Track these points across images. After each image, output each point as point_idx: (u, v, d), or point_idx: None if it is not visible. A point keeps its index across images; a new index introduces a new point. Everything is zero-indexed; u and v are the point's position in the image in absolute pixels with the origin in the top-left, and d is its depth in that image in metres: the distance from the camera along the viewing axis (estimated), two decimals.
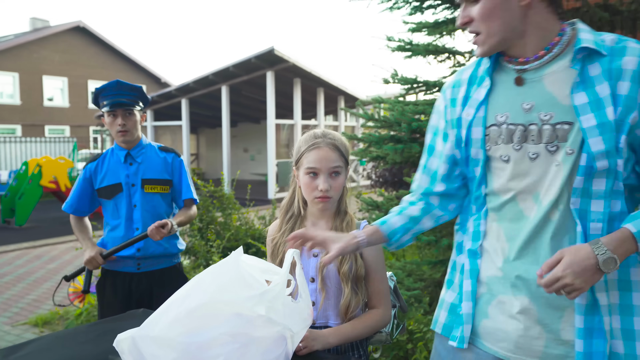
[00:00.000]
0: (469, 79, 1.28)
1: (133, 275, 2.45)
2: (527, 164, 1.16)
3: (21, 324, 4.40)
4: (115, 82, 2.38)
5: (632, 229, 1.06)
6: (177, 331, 1.11)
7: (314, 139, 1.53)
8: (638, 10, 3.20)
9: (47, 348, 1.39)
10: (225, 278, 1.17)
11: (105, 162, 2.48)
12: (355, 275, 1.46)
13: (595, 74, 1.11)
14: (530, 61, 1.17)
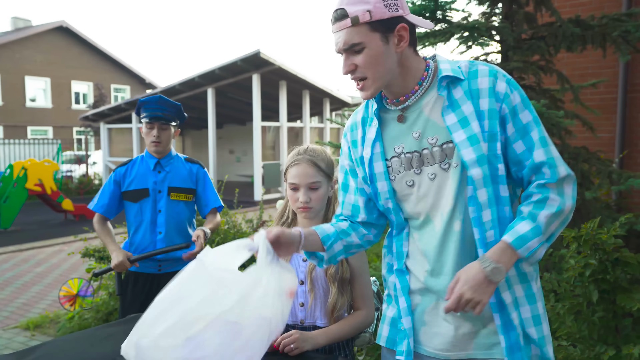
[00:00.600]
0: (362, 120, 1.44)
1: (155, 276, 2.57)
2: (428, 184, 1.32)
3: (12, 328, 4.45)
4: (158, 97, 2.56)
5: (508, 239, 1.21)
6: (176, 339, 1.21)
7: (296, 156, 1.70)
8: (608, 25, 3.39)
9: (57, 351, 1.50)
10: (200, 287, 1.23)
11: (135, 168, 2.62)
12: (341, 277, 1.61)
13: (459, 96, 1.29)
14: (410, 97, 1.32)
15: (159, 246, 2.55)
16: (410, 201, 1.36)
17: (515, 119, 1.27)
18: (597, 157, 3.35)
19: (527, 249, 1.21)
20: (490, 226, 1.27)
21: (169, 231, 2.56)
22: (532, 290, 1.31)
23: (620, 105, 5.58)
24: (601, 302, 2.07)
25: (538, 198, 1.24)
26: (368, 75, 1.28)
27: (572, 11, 5.87)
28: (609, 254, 1.94)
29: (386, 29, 1.26)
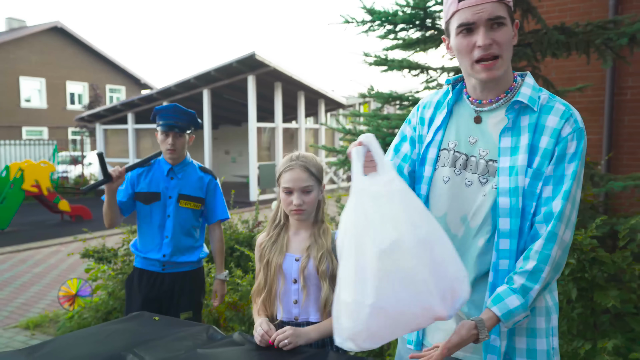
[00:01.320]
0: (437, 103, 1.50)
1: (158, 274, 2.67)
2: (462, 189, 1.39)
3: (12, 327, 4.53)
4: (173, 106, 2.63)
5: (497, 312, 1.26)
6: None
7: (289, 162, 1.80)
8: (592, 32, 3.51)
9: (66, 347, 1.59)
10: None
11: (151, 171, 2.71)
12: (331, 274, 1.72)
13: (524, 125, 1.33)
14: (492, 103, 1.37)
15: (164, 250, 2.65)
16: (439, 195, 1.42)
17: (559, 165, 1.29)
18: None
19: (512, 322, 1.28)
20: (507, 255, 1.31)
21: (175, 235, 2.65)
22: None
23: (608, 107, 5.71)
24: (580, 299, 2.19)
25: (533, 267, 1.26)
26: (503, 53, 1.29)
27: (561, 16, 6.01)
28: (586, 254, 2.06)
29: (512, 17, 1.32)
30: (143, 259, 2.71)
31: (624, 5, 5.76)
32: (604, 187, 2.93)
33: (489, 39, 1.28)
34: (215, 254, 2.85)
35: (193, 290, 2.73)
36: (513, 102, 1.34)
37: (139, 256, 2.73)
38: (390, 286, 1.14)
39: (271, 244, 1.85)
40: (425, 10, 3.26)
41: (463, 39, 1.32)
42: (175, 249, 2.66)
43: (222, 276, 2.84)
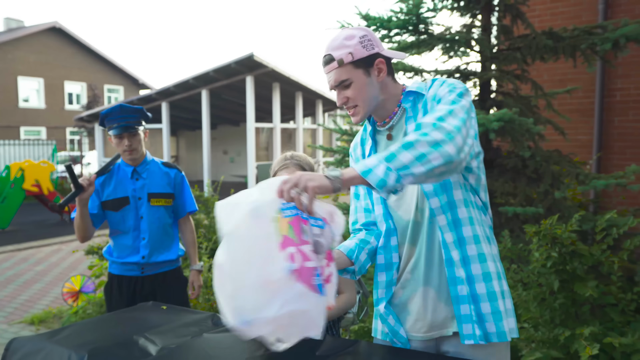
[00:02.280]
0: (361, 141, 1.71)
1: (137, 278, 2.64)
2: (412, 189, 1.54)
3: (17, 323, 4.65)
4: (119, 107, 2.56)
5: (357, 167, 1.29)
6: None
7: (284, 161, 1.95)
8: (579, 37, 3.65)
9: (82, 331, 1.72)
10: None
11: (113, 177, 2.64)
12: None
13: (420, 107, 1.53)
14: (393, 117, 1.58)
15: (142, 252, 2.61)
16: (397, 206, 1.59)
17: (436, 100, 1.46)
18: (568, 159, 3.61)
19: (374, 177, 1.26)
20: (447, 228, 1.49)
21: (152, 236, 2.63)
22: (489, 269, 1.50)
23: (598, 109, 5.86)
24: (562, 290, 2.32)
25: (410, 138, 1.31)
26: (358, 103, 1.54)
27: (552, 19, 6.16)
28: (566, 247, 2.20)
29: (367, 65, 1.51)
30: (120, 265, 2.65)
31: (613, 9, 5.91)
32: (588, 186, 3.07)
33: (344, 98, 1.54)
34: (188, 246, 2.86)
35: (175, 289, 2.73)
36: (406, 92, 1.56)
37: (115, 262, 2.68)
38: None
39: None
40: (418, 16, 3.39)
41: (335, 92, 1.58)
42: (154, 249, 2.64)
43: (198, 267, 2.84)
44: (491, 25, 3.81)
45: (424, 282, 1.54)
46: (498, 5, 3.82)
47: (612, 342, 1.91)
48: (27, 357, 1.59)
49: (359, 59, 1.49)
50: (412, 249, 1.58)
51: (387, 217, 1.61)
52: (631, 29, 3.33)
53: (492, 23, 3.83)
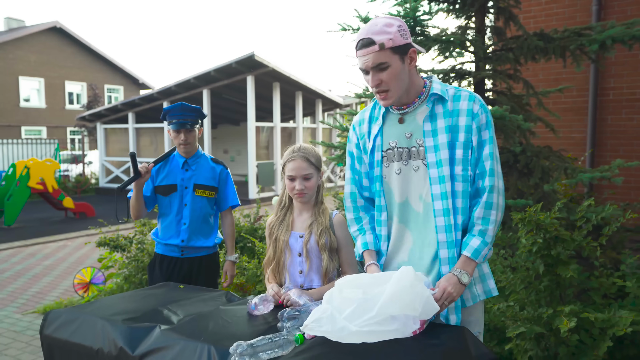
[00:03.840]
0: (369, 117, 1.88)
1: (177, 259, 2.90)
2: (412, 174, 1.77)
3: (30, 313, 4.84)
4: (180, 105, 2.87)
5: (467, 254, 1.68)
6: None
7: (292, 153, 2.12)
8: (568, 38, 3.83)
9: (111, 304, 1.91)
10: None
11: (167, 165, 2.95)
12: (330, 246, 2.03)
13: (439, 112, 1.74)
14: (411, 106, 1.78)
15: (182, 236, 2.89)
16: (396, 186, 1.79)
17: (479, 134, 1.72)
18: (558, 154, 3.80)
19: (481, 257, 1.69)
20: (441, 214, 1.72)
21: (192, 222, 2.89)
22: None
23: (591, 107, 6.05)
24: (547, 274, 2.51)
25: (483, 213, 1.70)
26: (390, 87, 1.69)
27: (547, 20, 6.35)
28: (550, 233, 2.38)
29: (402, 52, 1.69)
30: (164, 246, 2.93)
31: (606, 10, 6.10)
32: (575, 179, 3.25)
33: (377, 80, 1.69)
34: (227, 237, 3.09)
35: (209, 273, 2.98)
36: (430, 94, 1.74)
37: (160, 243, 2.96)
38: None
39: (279, 223, 2.17)
40: (414, 19, 3.57)
41: (365, 77, 1.74)
42: (193, 235, 2.89)
43: (233, 258, 3.08)
44: (485, 27, 4.00)
45: (424, 268, 1.76)
46: (492, 8, 4.01)
47: (588, 317, 2.10)
48: (64, 325, 1.77)
49: (397, 45, 1.66)
50: (405, 231, 1.79)
51: (380, 194, 1.81)
52: (617, 31, 3.52)
53: (485, 25, 4.01)
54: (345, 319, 1.53)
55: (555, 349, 2.28)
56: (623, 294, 2.67)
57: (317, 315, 1.57)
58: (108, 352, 1.64)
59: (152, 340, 1.60)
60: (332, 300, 1.60)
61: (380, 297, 1.53)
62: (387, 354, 1.41)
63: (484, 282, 1.80)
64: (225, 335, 1.60)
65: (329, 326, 1.53)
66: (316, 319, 1.56)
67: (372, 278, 1.64)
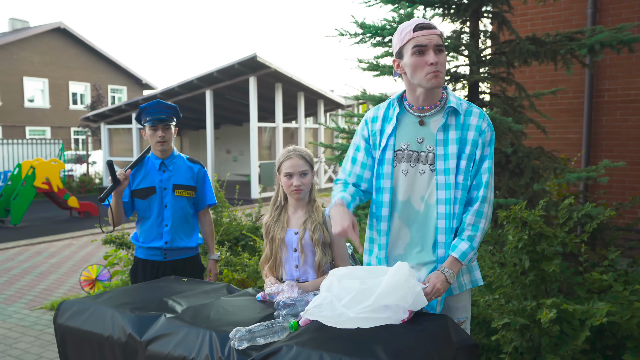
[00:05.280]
0: (383, 116, 1.99)
1: (160, 263, 2.88)
2: (418, 177, 1.91)
3: (38, 309, 4.98)
4: (157, 102, 2.85)
5: (455, 255, 1.83)
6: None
7: (288, 153, 2.25)
8: (560, 42, 3.96)
9: (120, 295, 2.04)
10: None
11: (143, 168, 2.90)
12: (323, 241, 2.17)
13: (451, 124, 1.88)
14: (432, 109, 1.91)
15: (165, 238, 2.86)
16: (402, 185, 1.93)
17: (483, 149, 1.88)
18: (548, 155, 3.92)
19: (467, 260, 1.85)
20: (444, 217, 1.87)
21: (174, 223, 2.87)
22: None
23: (587, 109, 6.16)
24: (532, 269, 2.63)
25: (473, 221, 1.85)
26: (442, 70, 1.83)
27: (543, 23, 6.47)
28: (534, 229, 2.50)
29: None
30: (145, 250, 2.89)
31: (601, 13, 6.22)
32: (563, 179, 3.38)
33: (436, 59, 1.82)
34: (207, 236, 3.07)
35: (194, 275, 2.91)
36: (447, 107, 1.89)
37: (140, 247, 2.91)
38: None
39: (274, 222, 2.29)
40: None
41: (418, 58, 1.83)
42: (175, 235, 2.87)
43: (215, 257, 3.08)
44: (479, 32, 4.12)
45: (419, 261, 1.92)
46: (485, 13, 4.13)
47: (568, 308, 2.22)
48: (76, 314, 1.91)
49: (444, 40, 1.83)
50: (404, 227, 1.94)
51: (387, 191, 1.94)
52: (605, 36, 3.64)
53: (479, 29, 4.14)
54: (344, 306, 1.67)
55: (538, 340, 2.41)
56: (607, 288, 2.80)
57: (317, 301, 1.71)
58: (117, 338, 1.78)
59: (158, 327, 1.74)
60: (332, 289, 1.73)
61: (377, 288, 1.67)
62: (373, 338, 1.54)
63: (470, 272, 1.97)
64: (225, 322, 1.73)
65: (328, 312, 1.67)
66: (317, 304, 1.70)
67: (367, 271, 1.78)
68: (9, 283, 5.98)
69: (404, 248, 1.95)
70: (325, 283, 1.78)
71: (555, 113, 6.30)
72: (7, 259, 7.33)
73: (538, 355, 2.44)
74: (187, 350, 1.63)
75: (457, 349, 1.61)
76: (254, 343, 1.58)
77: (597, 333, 2.49)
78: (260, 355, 1.51)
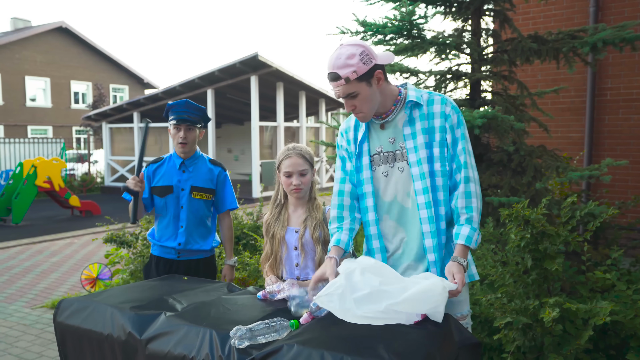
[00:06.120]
0: (355, 126, 2.03)
1: (173, 261, 2.85)
2: (398, 175, 1.93)
3: (39, 307, 4.98)
4: (185, 101, 2.79)
5: (461, 242, 1.82)
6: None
7: (287, 151, 2.24)
8: (562, 40, 3.93)
9: (119, 293, 2.03)
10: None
11: (164, 166, 2.88)
12: (323, 239, 2.15)
13: (416, 116, 1.90)
14: (389, 114, 1.93)
15: (179, 239, 2.82)
16: (385, 187, 1.94)
17: (452, 132, 1.89)
18: (550, 154, 3.90)
19: (473, 241, 1.84)
20: (424, 207, 1.88)
21: (189, 225, 2.83)
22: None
23: (589, 107, 6.14)
24: (535, 268, 2.62)
25: (464, 203, 1.86)
26: (364, 110, 1.87)
27: (545, 22, 6.45)
28: (536, 228, 2.49)
29: (368, 77, 1.83)
30: (160, 247, 2.87)
31: (604, 11, 6.19)
32: (565, 177, 3.36)
33: (352, 106, 1.87)
34: (225, 241, 3.04)
35: (206, 276, 2.86)
36: (407, 101, 1.92)
37: (155, 244, 2.90)
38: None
39: (274, 220, 2.28)
40: (411, 22, 3.68)
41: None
42: (190, 238, 2.83)
43: (232, 262, 3.03)
44: (481, 30, 4.11)
45: (415, 257, 1.92)
46: (487, 11, 4.11)
47: (571, 307, 2.21)
48: (75, 312, 1.90)
49: (361, 74, 1.80)
50: (398, 227, 1.94)
51: (369, 195, 1.96)
52: (608, 33, 3.62)
53: (481, 27, 4.12)
54: (354, 301, 1.65)
55: (541, 339, 2.39)
56: (610, 288, 2.78)
57: (331, 289, 1.69)
58: (117, 336, 1.77)
59: (158, 325, 1.73)
60: (352, 277, 1.70)
61: (395, 295, 1.65)
62: (375, 337, 1.53)
63: (467, 267, 1.93)
64: (226, 320, 1.72)
65: (337, 303, 1.66)
66: (329, 293, 1.68)
67: (394, 274, 1.77)
68: (10, 282, 5.98)
69: (402, 246, 1.97)
70: (348, 268, 1.73)
71: (557, 112, 6.28)
72: (8, 258, 7.33)
73: (540, 354, 2.42)
74: (187, 349, 1.62)
75: (460, 348, 1.59)
76: (255, 342, 1.57)
77: (600, 332, 2.47)
78: (260, 354, 1.50)
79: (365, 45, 1.84)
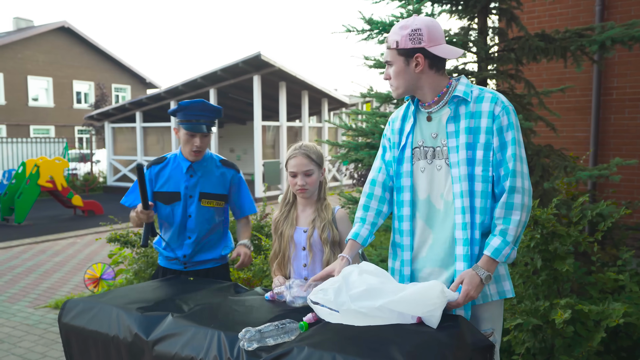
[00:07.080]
0: (402, 116, 1.97)
1: (181, 272, 2.56)
2: (435, 173, 1.85)
3: (42, 307, 4.96)
4: (200, 102, 2.47)
5: (487, 253, 1.71)
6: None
7: (294, 151, 2.22)
8: (570, 38, 3.90)
9: (125, 294, 2.01)
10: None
11: (168, 168, 2.55)
12: (332, 240, 2.12)
13: (462, 113, 1.79)
14: (431, 105, 1.85)
15: (184, 250, 2.55)
16: (421, 183, 1.87)
17: (500, 135, 1.75)
18: (558, 153, 3.87)
19: (502, 256, 1.71)
20: (461, 212, 1.75)
21: (198, 236, 2.53)
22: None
23: (595, 107, 6.10)
24: (545, 268, 2.59)
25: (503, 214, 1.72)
26: (393, 84, 1.84)
27: (550, 21, 6.40)
28: (546, 228, 2.46)
29: (407, 55, 1.78)
30: (165, 259, 2.61)
31: (609, 10, 6.15)
32: (574, 177, 3.32)
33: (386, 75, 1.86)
34: (242, 230, 2.71)
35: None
36: (452, 96, 1.81)
37: (162, 255, 2.64)
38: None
39: (283, 219, 2.26)
40: None
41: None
42: (197, 249, 2.56)
43: (244, 242, 2.64)
44: (487, 28, 4.07)
45: (441, 263, 1.83)
46: (494, 9, 4.08)
47: (583, 309, 2.18)
48: (81, 313, 1.87)
49: (402, 48, 1.76)
50: (426, 228, 1.86)
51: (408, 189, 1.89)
52: (616, 32, 3.58)
53: (488, 26, 4.09)
54: (349, 296, 1.62)
55: (551, 341, 2.36)
56: (619, 288, 2.74)
57: (327, 285, 1.68)
58: (123, 338, 1.74)
59: (165, 327, 1.70)
60: (350, 276, 1.69)
61: (391, 294, 1.62)
62: (386, 338, 1.50)
63: (497, 282, 1.82)
64: (234, 322, 1.69)
65: (332, 296, 1.63)
66: (324, 288, 1.67)
67: (393, 280, 1.74)
68: (13, 281, 5.96)
69: (427, 249, 1.86)
70: (347, 270, 1.73)
71: (563, 111, 6.24)
72: (11, 258, 7.32)
73: (551, 356, 2.39)
74: (194, 351, 1.59)
75: (473, 350, 1.56)
76: (264, 344, 1.54)
77: (612, 334, 2.44)
78: (270, 357, 1.47)
79: (428, 27, 1.76)
